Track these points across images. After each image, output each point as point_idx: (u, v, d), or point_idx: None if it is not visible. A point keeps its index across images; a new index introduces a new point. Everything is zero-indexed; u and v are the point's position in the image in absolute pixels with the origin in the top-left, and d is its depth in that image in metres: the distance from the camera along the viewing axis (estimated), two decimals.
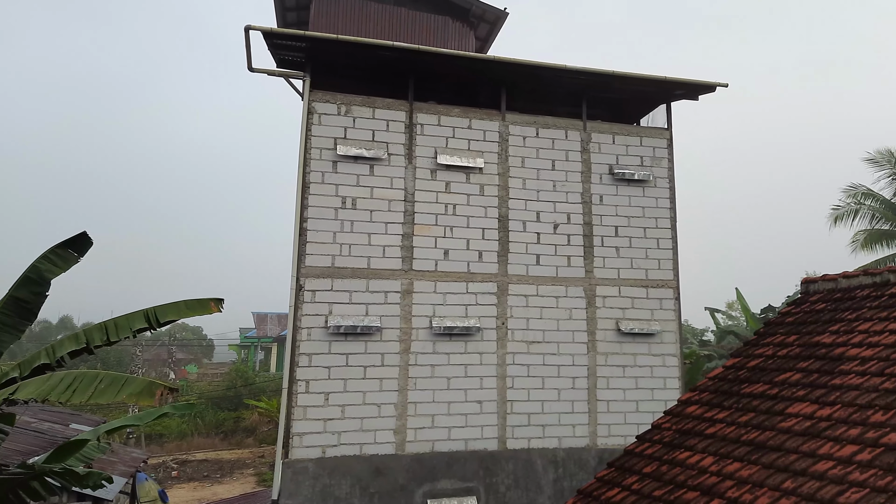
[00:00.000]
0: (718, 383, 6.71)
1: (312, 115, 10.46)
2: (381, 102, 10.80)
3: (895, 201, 24.57)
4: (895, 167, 24.18)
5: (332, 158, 10.41)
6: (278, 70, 10.85)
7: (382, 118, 10.76)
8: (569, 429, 10.76)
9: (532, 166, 11.33)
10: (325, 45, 10.47)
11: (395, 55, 10.72)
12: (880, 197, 24.78)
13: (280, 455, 9.59)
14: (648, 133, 12.10)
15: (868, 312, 6.30)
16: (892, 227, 24.02)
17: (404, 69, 11.07)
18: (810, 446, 4.70)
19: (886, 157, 24.35)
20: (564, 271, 11.14)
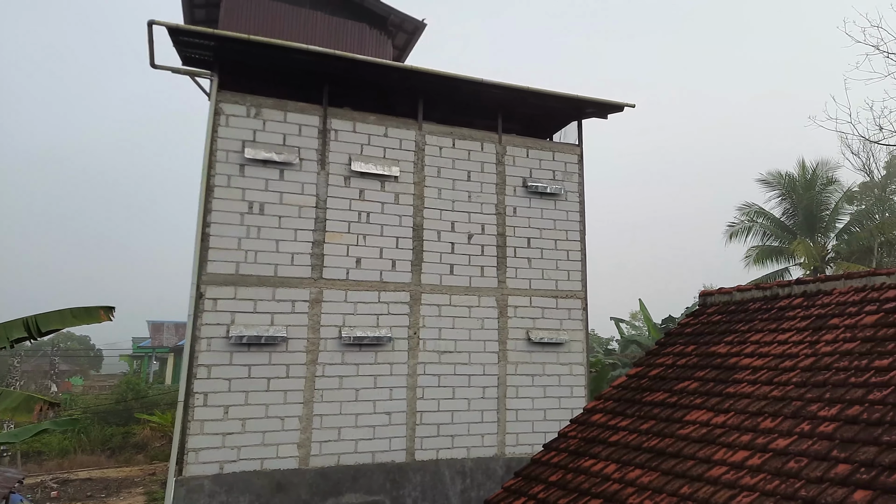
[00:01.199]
0: (622, 392, 6.87)
1: (219, 116, 10.05)
2: (293, 106, 10.52)
3: (784, 220, 26.45)
4: (785, 188, 26.04)
5: (239, 161, 10.03)
6: (184, 68, 10.38)
7: (294, 122, 10.49)
8: (478, 438, 10.76)
9: (448, 176, 11.34)
10: (235, 45, 10.10)
11: (308, 59, 10.49)
12: (771, 216, 26.58)
13: (173, 472, 9.05)
14: (561, 148, 12.40)
15: (759, 324, 6.62)
16: (781, 244, 25.79)
17: (319, 74, 10.84)
18: (706, 452, 4.85)
19: (777, 178, 26.19)
20: (478, 281, 11.19)
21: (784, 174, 26.17)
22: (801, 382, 5.09)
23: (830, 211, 25.47)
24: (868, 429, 4.12)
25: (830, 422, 4.41)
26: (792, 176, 26.05)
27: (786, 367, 5.47)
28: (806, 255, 23.50)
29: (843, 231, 25.56)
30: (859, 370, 4.84)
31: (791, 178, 26.00)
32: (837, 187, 25.63)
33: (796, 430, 4.51)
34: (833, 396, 4.68)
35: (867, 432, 4.08)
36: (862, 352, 5.08)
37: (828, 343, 5.49)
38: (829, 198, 25.62)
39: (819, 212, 25.45)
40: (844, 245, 25.03)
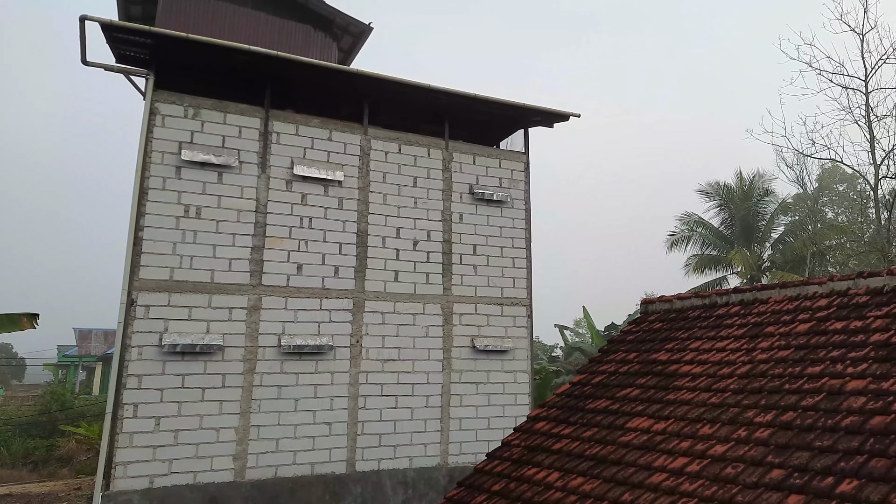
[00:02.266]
0: (565, 399, 6.88)
1: (155, 116, 9.71)
2: (233, 107, 10.25)
3: (722, 230, 27.36)
4: (723, 199, 26.96)
5: (175, 164, 9.70)
6: (117, 66, 10.00)
7: (235, 124, 10.22)
8: (420, 448, 10.64)
9: (393, 182, 11.25)
10: (172, 44, 9.79)
11: (249, 60, 10.25)
12: (710, 225, 27.46)
13: (100, 487, 8.64)
14: (507, 156, 12.47)
15: (698, 332, 6.74)
16: (719, 254, 26.65)
17: (261, 75, 10.60)
18: (646, 459, 4.88)
19: (716, 189, 27.09)
20: (423, 288, 11.11)
21: (722, 185, 27.07)
22: (739, 389, 5.19)
23: (766, 221, 26.46)
24: (801, 434, 4.21)
25: (766, 427, 4.49)
26: (730, 187, 26.96)
27: (724, 373, 5.57)
28: (743, 264, 24.32)
29: (778, 241, 26.58)
30: (793, 377, 4.96)
31: (729, 189, 26.91)
32: (773, 199, 26.67)
33: (733, 436, 4.58)
34: (768, 403, 4.78)
35: (800, 437, 4.17)
36: (796, 359, 5.21)
37: (763, 350, 5.62)
38: (765, 209, 26.62)
39: (755, 222, 26.41)
40: (779, 255, 26.02)
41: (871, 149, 18.77)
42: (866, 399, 4.23)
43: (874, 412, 4.06)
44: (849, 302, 5.67)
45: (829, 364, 4.88)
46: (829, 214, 31.62)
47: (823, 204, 31.65)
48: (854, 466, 3.67)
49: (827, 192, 32.16)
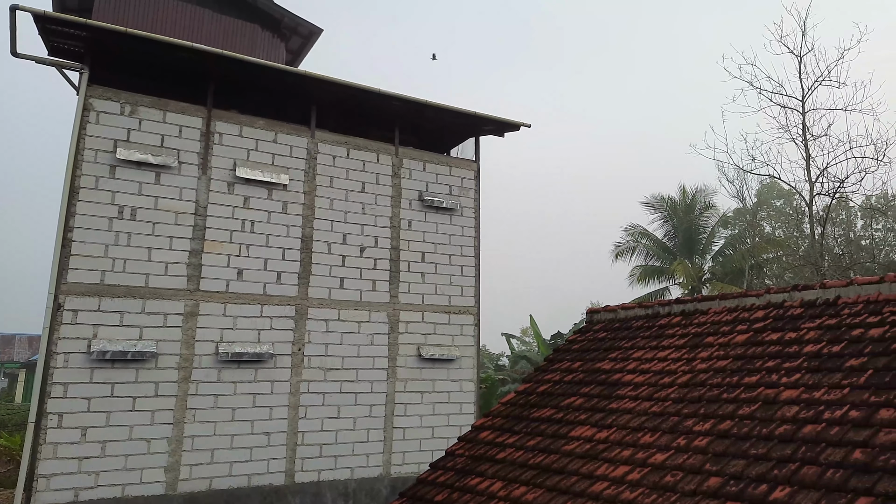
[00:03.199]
0: (510, 408, 6.90)
1: (89, 113, 9.34)
2: (174, 106, 9.97)
3: (666, 241, 28.14)
4: (667, 211, 27.75)
5: (110, 162, 9.35)
6: (50, 59, 9.61)
7: (175, 123, 9.93)
8: (362, 458, 10.50)
9: (341, 187, 11.12)
10: (109, 38, 9.46)
11: (191, 57, 10.00)
12: (654, 237, 28.20)
13: (20, 501, 8.22)
14: (458, 163, 12.50)
15: (641, 342, 6.87)
16: (662, 265, 27.39)
17: (204, 73, 10.35)
18: (589, 468, 4.92)
19: (660, 202, 27.87)
20: (369, 296, 11.00)
21: (666, 198, 27.85)
22: (679, 398, 5.29)
23: (707, 234, 27.32)
24: (738, 443, 4.31)
25: (704, 436, 4.59)
26: (674, 200, 27.76)
27: (665, 383, 5.68)
28: (685, 275, 25.03)
29: (718, 253, 27.46)
30: (731, 386, 5.09)
31: (673, 202, 27.69)
32: (714, 212, 27.56)
33: (673, 444, 4.66)
34: (707, 411, 4.89)
35: (737, 446, 4.28)
36: (733, 369, 5.35)
37: (703, 360, 5.75)
38: (706, 222, 27.48)
39: (697, 234, 27.24)
40: (719, 267, 26.89)
41: (807, 166, 19.62)
42: (799, 408, 4.37)
43: (806, 421, 4.20)
44: (784, 314, 5.86)
45: (764, 374, 5.03)
46: (767, 228, 32.86)
47: (761, 218, 32.89)
48: (787, 474, 3.78)
49: (765, 207, 33.43)
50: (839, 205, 24.86)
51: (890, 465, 3.46)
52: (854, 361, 4.61)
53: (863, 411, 4.02)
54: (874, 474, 3.47)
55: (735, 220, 30.16)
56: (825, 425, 4.06)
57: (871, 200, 24.83)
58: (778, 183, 26.61)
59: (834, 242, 25.27)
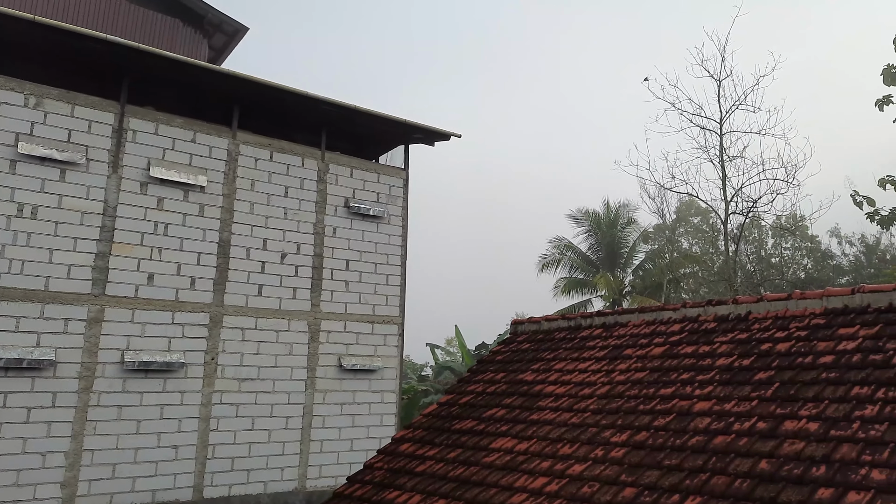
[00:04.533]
0: (432, 420, 6.85)
1: None
2: (84, 99, 9.47)
3: (589, 254, 28.95)
4: (591, 225, 28.57)
5: (10, 157, 8.78)
6: None
7: (84, 118, 9.43)
8: (277, 472, 10.19)
9: (263, 191, 10.85)
10: (14, 25, 8.91)
11: (105, 49, 9.54)
12: (578, 250, 28.97)
13: None
14: (386, 171, 12.43)
15: (563, 353, 6.97)
16: (586, 277, 28.14)
17: (118, 67, 9.90)
18: (508, 480, 4.94)
19: (585, 215, 28.68)
20: (289, 304, 10.75)
21: (591, 212, 28.69)
22: (598, 409, 5.39)
23: (629, 248, 28.31)
24: (653, 453, 4.42)
25: (621, 447, 4.68)
26: (598, 214, 28.62)
27: (584, 394, 5.77)
28: (606, 287, 25.79)
29: (638, 267, 28.47)
30: (647, 398, 5.23)
31: (597, 217, 28.55)
32: (636, 227, 28.61)
33: (591, 455, 4.73)
34: (624, 423, 4.99)
35: (652, 457, 4.38)
36: (650, 381, 5.49)
37: (622, 372, 5.89)
38: (628, 236, 28.48)
39: (620, 248, 28.17)
40: (639, 280, 27.87)
41: (723, 186, 20.56)
42: (711, 420, 4.52)
43: (717, 432, 4.34)
44: (699, 328, 6.08)
45: (679, 386, 5.19)
46: (685, 244, 34.30)
47: (680, 234, 34.31)
48: (698, 484, 3.89)
49: (683, 224, 34.89)
50: (752, 224, 26.20)
51: (793, 475, 3.62)
52: (762, 375, 4.81)
53: (769, 423, 4.20)
54: (778, 483, 3.62)
55: (655, 235, 31.33)
56: (735, 436, 4.21)
57: (782, 220, 26.27)
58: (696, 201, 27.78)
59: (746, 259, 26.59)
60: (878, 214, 16.42)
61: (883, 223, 16.65)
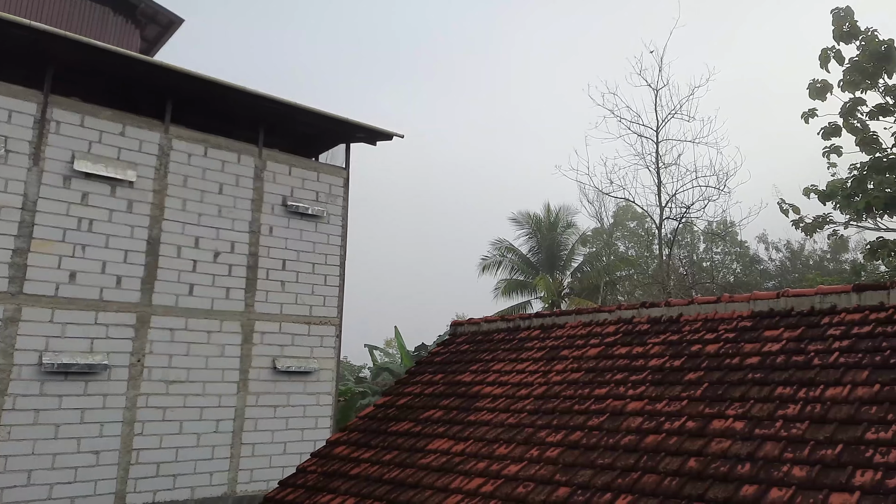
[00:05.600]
0: (368, 422, 6.79)
1: None
2: (3, 88, 9.04)
3: (530, 256, 29.35)
4: (532, 228, 28.99)
5: None
6: None
7: (4, 107, 8.99)
8: (205, 477, 9.92)
9: (196, 187, 10.55)
10: None
11: (27, 35, 9.08)
12: (519, 252, 29.35)
13: None
14: (326, 169, 12.26)
15: (502, 354, 7.03)
16: (526, 279, 28.52)
17: (42, 55, 9.44)
18: (444, 481, 4.92)
19: (526, 218, 29.08)
20: (221, 304, 10.47)
21: (532, 215, 29.11)
22: (534, 410, 5.44)
23: (568, 251, 28.84)
24: (586, 453, 4.48)
25: (556, 447, 4.74)
26: (538, 217, 29.05)
27: (522, 395, 5.82)
28: (546, 289, 26.19)
29: (577, 270, 29.05)
30: (582, 398, 5.31)
31: (538, 219, 28.97)
32: (575, 231, 29.19)
33: (526, 455, 4.77)
34: (559, 423, 5.05)
35: (585, 456, 4.44)
36: (586, 381, 5.58)
37: (558, 373, 5.96)
38: (567, 239, 29.02)
39: (559, 251, 28.67)
40: (577, 283, 28.43)
41: (658, 192, 21.18)
42: (643, 419, 4.62)
43: (648, 431, 4.44)
44: (633, 329, 6.21)
45: (613, 386, 5.28)
46: (621, 248, 35.18)
47: (617, 238, 35.18)
48: (629, 482, 3.97)
49: (620, 228, 35.79)
50: (685, 229, 27.10)
51: (720, 473, 3.73)
52: (692, 375, 4.95)
53: (698, 422, 4.32)
54: (706, 481, 3.72)
55: (593, 239, 32.01)
56: (665, 435, 4.31)
57: (713, 226, 27.26)
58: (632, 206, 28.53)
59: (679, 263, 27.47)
60: (803, 222, 17.27)
61: (807, 230, 17.52)
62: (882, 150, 15.62)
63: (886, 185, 15.11)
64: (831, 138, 16.36)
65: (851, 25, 15.29)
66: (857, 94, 15.71)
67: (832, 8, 15.58)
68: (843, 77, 15.66)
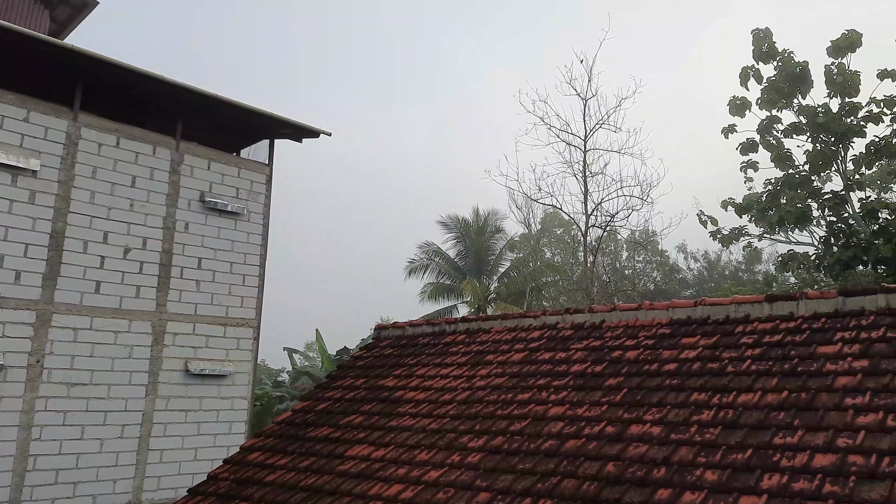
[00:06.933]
0: (285, 427, 6.66)
1: None
2: None
3: (457, 260, 29.55)
4: (460, 231, 29.22)
5: None
6: None
7: None
8: (108, 484, 9.48)
9: (106, 179, 10.09)
10: None
11: None
12: (447, 256, 29.52)
13: None
14: (248, 165, 11.95)
15: (426, 358, 7.03)
16: (453, 283, 28.72)
17: None
18: (363, 488, 4.88)
19: (455, 222, 29.29)
20: (131, 303, 10.03)
21: (461, 219, 29.34)
22: (457, 415, 5.47)
23: (496, 256, 29.23)
24: (507, 458, 4.54)
25: (478, 452, 4.77)
26: (467, 221, 29.31)
27: (445, 400, 5.84)
28: (472, 294, 26.44)
29: (504, 275, 29.48)
30: (505, 403, 5.37)
31: (466, 223, 29.23)
32: (503, 236, 29.61)
33: (448, 461, 4.78)
34: (482, 428, 5.09)
35: (506, 461, 4.50)
36: (509, 386, 5.65)
37: (482, 378, 6.02)
38: (495, 244, 29.41)
39: (487, 256, 29.03)
40: (504, 288, 28.84)
41: (585, 200, 21.74)
42: (564, 424, 4.72)
43: (569, 436, 4.54)
44: (557, 335, 6.35)
45: (536, 391, 5.38)
46: (548, 254, 35.92)
47: (543, 244, 35.90)
48: (549, 487, 4.04)
49: (547, 234, 36.55)
50: (609, 237, 27.90)
51: (636, 477, 3.84)
52: (613, 381, 5.10)
53: (617, 427, 4.45)
54: (623, 485, 3.83)
55: (521, 244, 32.57)
56: (585, 440, 4.42)
57: (635, 235, 28.19)
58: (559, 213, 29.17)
59: (603, 270, 28.30)
60: (720, 233, 18.15)
61: (724, 241, 18.42)
62: (795, 167, 16.61)
63: (798, 200, 16.09)
64: (749, 154, 17.29)
65: (770, 46, 16.19)
66: (773, 113, 16.67)
67: (752, 28, 16.47)
68: (761, 95, 16.57)
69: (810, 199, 16.20)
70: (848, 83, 15.51)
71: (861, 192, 16.20)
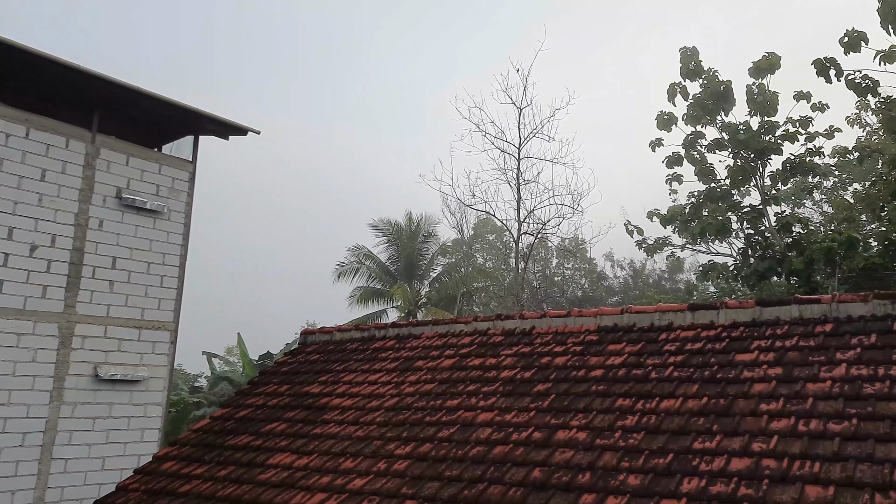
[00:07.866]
0: (202, 435, 6.46)
1: None
2: None
3: (389, 265, 29.47)
4: (392, 235, 29.16)
5: None
6: None
7: None
8: (6, 496, 8.96)
9: (14, 172, 9.57)
10: None
11: None
12: (378, 259, 29.41)
13: None
14: (170, 161, 11.54)
15: (354, 364, 6.97)
16: (383, 287, 28.59)
17: None
18: (284, 497, 4.78)
19: (387, 225, 29.22)
20: (36, 303, 9.53)
21: (393, 222, 29.29)
22: (384, 422, 5.43)
23: (427, 261, 29.31)
24: (435, 465, 4.54)
25: (404, 459, 4.75)
26: (399, 225, 29.28)
27: (372, 406, 5.80)
28: (403, 298, 26.41)
29: (435, 280, 29.59)
30: (434, 410, 5.38)
31: (398, 227, 29.20)
32: (435, 241, 29.76)
33: (373, 469, 4.75)
34: (409, 435, 5.08)
35: (434, 468, 4.50)
36: (438, 392, 5.66)
37: (411, 384, 6.01)
38: (427, 249, 29.51)
39: (418, 260, 29.07)
40: (435, 293, 28.96)
41: (518, 207, 22.03)
42: (492, 430, 4.76)
43: (497, 442, 4.58)
44: (487, 341, 6.41)
45: (465, 398, 5.41)
46: (480, 260, 36.25)
47: (476, 250, 36.22)
48: (475, 494, 4.06)
49: (480, 240, 36.89)
50: (540, 244, 28.37)
51: (562, 483, 3.92)
52: (541, 387, 5.18)
53: (544, 433, 4.52)
54: (549, 491, 3.90)
55: (453, 249, 32.72)
56: (512, 446, 4.47)
57: (566, 243, 28.79)
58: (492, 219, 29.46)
59: (533, 277, 28.77)
60: (645, 243, 18.80)
61: (648, 251, 19.09)
62: (717, 181, 17.38)
63: (718, 213, 16.84)
64: (674, 167, 17.96)
65: (696, 64, 16.89)
66: (697, 128, 17.39)
67: (680, 46, 17.17)
68: (687, 111, 17.26)
69: (730, 213, 16.98)
70: (767, 103, 16.35)
71: (777, 206, 17.09)
